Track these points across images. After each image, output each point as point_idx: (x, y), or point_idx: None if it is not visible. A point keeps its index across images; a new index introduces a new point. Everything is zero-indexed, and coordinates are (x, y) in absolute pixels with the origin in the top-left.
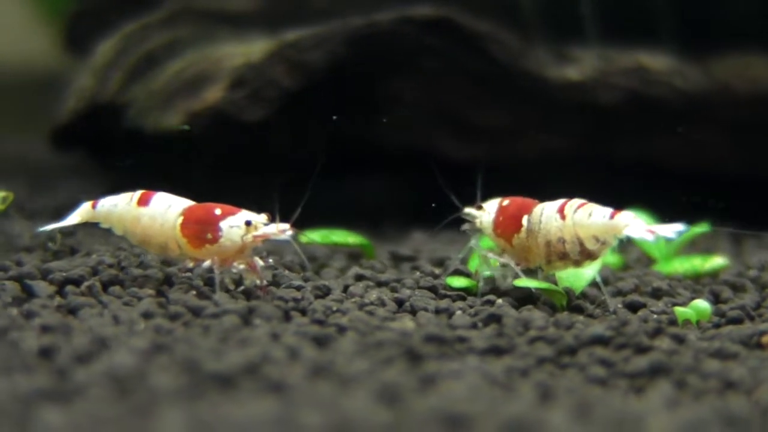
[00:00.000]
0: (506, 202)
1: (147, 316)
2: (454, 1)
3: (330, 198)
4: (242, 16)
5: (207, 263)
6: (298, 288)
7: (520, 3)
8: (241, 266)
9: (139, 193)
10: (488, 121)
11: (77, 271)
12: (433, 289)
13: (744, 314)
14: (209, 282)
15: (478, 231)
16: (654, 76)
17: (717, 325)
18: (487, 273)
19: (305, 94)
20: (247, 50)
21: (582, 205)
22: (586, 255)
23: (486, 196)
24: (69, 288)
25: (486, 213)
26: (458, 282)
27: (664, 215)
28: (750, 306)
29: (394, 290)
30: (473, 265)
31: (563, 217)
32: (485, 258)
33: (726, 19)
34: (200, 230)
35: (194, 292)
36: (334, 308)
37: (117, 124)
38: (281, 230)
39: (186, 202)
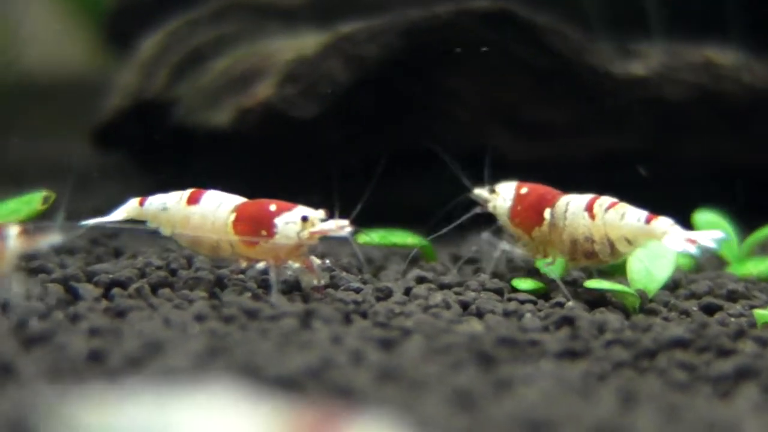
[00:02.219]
0: (524, 189)
1: (200, 318)
2: None
3: (386, 197)
4: (292, 10)
5: (261, 264)
6: (358, 290)
7: None
8: (297, 266)
9: (189, 191)
10: (549, 118)
11: (124, 273)
12: (499, 292)
13: None
14: (263, 284)
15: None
16: (722, 71)
17: None
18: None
19: (360, 88)
20: (299, 44)
21: (613, 204)
22: (617, 256)
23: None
24: (116, 290)
25: (501, 198)
26: (525, 284)
27: (733, 215)
28: None
29: (458, 293)
30: (541, 263)
31: (592, 216)
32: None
33: None
34: (254, 227)
35: (249, 294)
36: (397, 311)
37: (163, 122)
38: (340, 227)
39: (238, 199)
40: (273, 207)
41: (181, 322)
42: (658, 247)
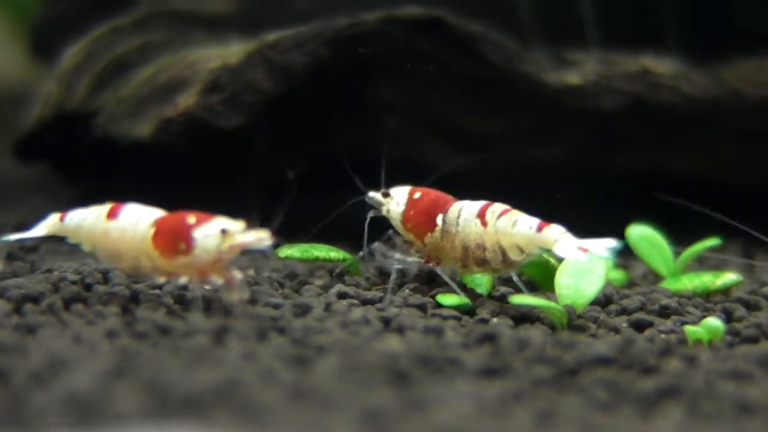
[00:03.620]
0: (417, 194)
1: (111, 335)
2: (446, 2)
3: (312, 210)
4: (218, 18)
5: (183, 279)
6: (276, 306)
7: (516, 4)
8: (219, 281)
9: (108, 206)
10: (482, 127)
11: (37, 288)
12: (422, 307)
13: (760, 333)
14: (179, 299)
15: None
16: (659, 80)
17: (731, 345)
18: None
19: (287, 97)
20: (224, 53)
21: (505, 211)
22: (509, 264)
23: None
24: (28, 306)
25: (394, 202)
26: (449, 300)
27: (668, 227)
28: (766, 324)
29: (379, 309)
30: (468, 279)
31: (484, 223)
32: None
33: (735, 23)
34: (173, 241)
35: (163, 311)
36: (315, 327)
37: (85, 133)
38: (259, 239)
39: (158, 213)
40: (191, 219)
41: (90, 339)
42: (588, 263)
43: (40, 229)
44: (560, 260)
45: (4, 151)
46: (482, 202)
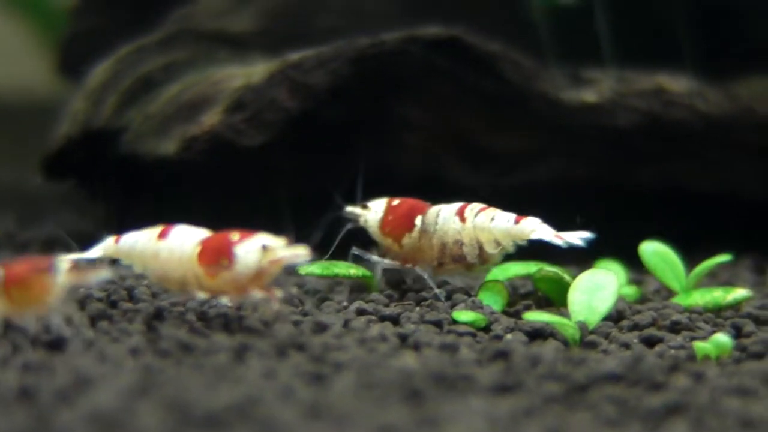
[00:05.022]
0: (396, 201)
1: (135, 352)
2: (465, 22)
3: (337, 227)
4: (243, 37)
5: (225, 299)
6: (296, 323)
7: (534, 23)
8: (260, 296)
9: (159, 227)
10: (501, 145)
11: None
12: (438, 324)
13: (766, 349)
14: (202, 316)
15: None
16: (674, 98)
17: (738, 361)
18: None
19: (310, 116)
20: (248, 72)
21: (483, 209)
22: (483, 259)
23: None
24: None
25: (372, 212)
26: (465, 316)
27: (684, 242)
28: None
29: (397, 324)
30: (483, 296)
31: (463, 220)
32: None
33: (749, 41)
34: (216, 257)
35: (186, 327)
36: (333, 344)
37: (111, 150)
38: (299, 254)
39: (205, 233)
40: (234, 237)
41: (115, 357)
42: (600, 279)
43: (97, 251)
44: (574, 276)
45: (31, 164)
46: (460, 203)
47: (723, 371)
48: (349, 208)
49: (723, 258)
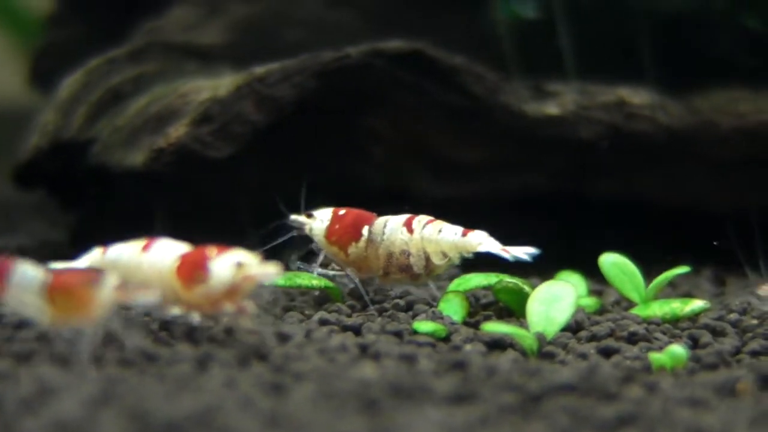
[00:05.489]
0: (342, 211)
1: (99, 362)
2: (429, 35)
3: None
4: (211, 49)
5: (195, 316)
6: (259, 333)
7: (497, 37)
8: (232, 310)
9: (143, 240)
10: (465, 156)
11: None
12: (398, 334)
13: (720, 360)
14: (165, 326)
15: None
16: (636, 110)
17: (692, 372)
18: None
19: (276, 129)
20: (215, 84)
21: (431, 221)
22: (429, 270)
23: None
24: (21, 334)
25: (318, 221)
26: (425, 327)
27: (644, 254)
28: (728, 351)
29: (358, 335)
30: (444, 306)
31: (411, 231)
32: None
33: (710, 54)
34: (192, 272)
35: (151, 338)
36: (295, 355)
37: (80, 161)
38: (271, 273)
39: (186, 247)
40: (211, 252)
41: (79, 367)
42: (558, 290)
43: (84, 261)
44: (534, 287)
45: (3, 174)
46: (407, 215)
47: (677, 382)
48: (294, 217)
49: (681, 270)
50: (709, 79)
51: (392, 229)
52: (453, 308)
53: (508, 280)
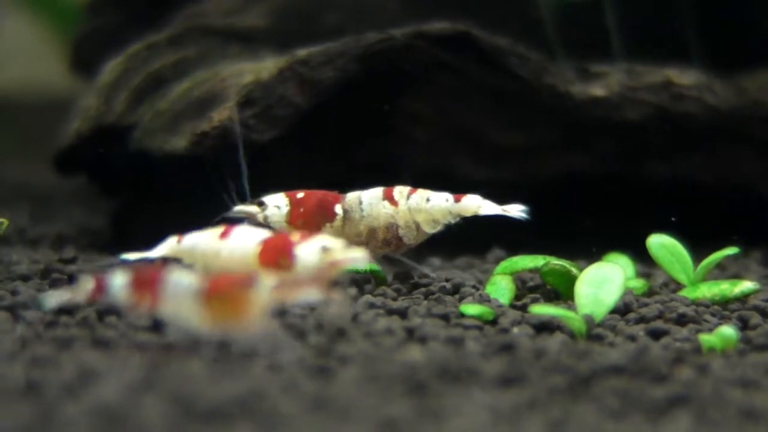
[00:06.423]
0: (300, 194)
1: (142, 347)
2: (472, 17)
3: None
4: (253, 33)
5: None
6: (303, 316)
7: (542, 18)
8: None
9: (221, 228)
10: (510, 139)
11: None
12: (445, 317)
13: None
14: None
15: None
16: (683, 91)
17: (742, 353)
18: None
19: (318, 111)
20: (257, 68)
21: (413, 191)
22: (420, 237)
23: None
24: (63, 319)
25: (273, 207)
26: (472, 309)
27: (693, 236)
28: None
29: (404, 318)
30: (491, 289)
31: (394, 203)
32: None
33: (757, 34)
34: (277, 258)
35: None
36: (340, 338)
37: (122, 146)
38: (358, 257)
39: (266, 234)
40: (295, 237)
41: (122, 351)
42: (607, 272)
43: (160, 250)
44: (581, 270)
45: (44, 161)
46: (379, 188)
47: (727, 363)
48: (240, 207)
49: (730, 251)
50: (756, 59)
51: (370, 204)
52: (500, 291)
53: (556, 262)
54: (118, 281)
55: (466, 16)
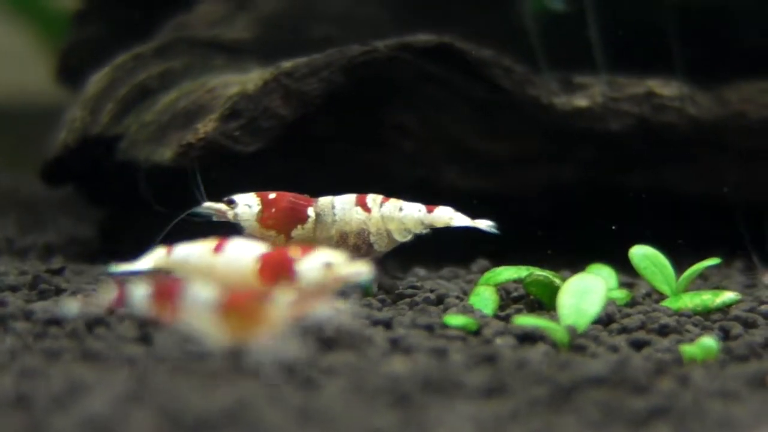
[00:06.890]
0: (272, 195)
1: (131, 359)
2: (456, 29)
3: None
4: (238, 44)
5: None
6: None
7: (525, 29)
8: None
9: (214, 241)
10: (494, 150)
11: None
12: (429, 328)
13: (750, 352)
14: None
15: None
16: (665, 102)
17: (723, 364)
18: None
19: (304, 123)
20: (243, 79)
21: (386, 199)
22: (391, 245)
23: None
24: (52, 330)
25: (244, 206)
26: (456, 320)
27: (675, 246)
28: (760, 343)
29: (389, 329)
30: (474, 300)
31: (367, 210)
32: None
33: (739, 45)
34: (277, 274)
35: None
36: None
37: (108, 157)
38: (361, 271)
39: (261, 248)
40: (295, 253)
41: (110, 363)
42: (589, 283)
43: (147, 262)
44: (565, 280)
45: (31, 171)
46: (353, 194)
47: (708, 374)
48: (209, 204)
49: (712, 261)
50: (738, 71)
51: (344, 209)
52: (484, 302)
53: (539, 273)
54: (140, 292)
55: (452, 26)
